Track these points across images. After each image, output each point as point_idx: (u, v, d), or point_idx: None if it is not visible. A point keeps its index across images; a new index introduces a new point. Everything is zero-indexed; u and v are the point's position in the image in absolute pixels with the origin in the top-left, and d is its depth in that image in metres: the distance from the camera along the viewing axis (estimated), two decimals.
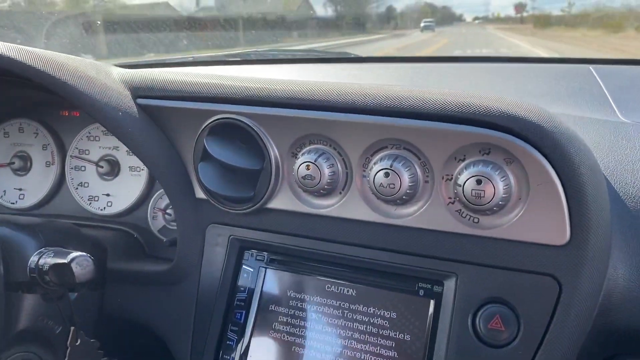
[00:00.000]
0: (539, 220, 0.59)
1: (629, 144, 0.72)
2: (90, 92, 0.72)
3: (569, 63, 1.14)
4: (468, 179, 0.60)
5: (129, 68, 1.28)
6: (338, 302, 0.70)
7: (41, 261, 0.63)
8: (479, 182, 0.59)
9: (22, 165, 1.00)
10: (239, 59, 1.41)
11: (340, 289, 0.71)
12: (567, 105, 0.88)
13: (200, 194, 0.77)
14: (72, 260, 0.61)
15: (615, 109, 0.84)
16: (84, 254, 0.63)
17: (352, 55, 1.39)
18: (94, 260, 0.63)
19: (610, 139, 0.73)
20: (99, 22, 1.36)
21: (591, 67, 1.03)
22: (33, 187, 1.00)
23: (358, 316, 0.69)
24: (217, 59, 1.36)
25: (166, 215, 0.92)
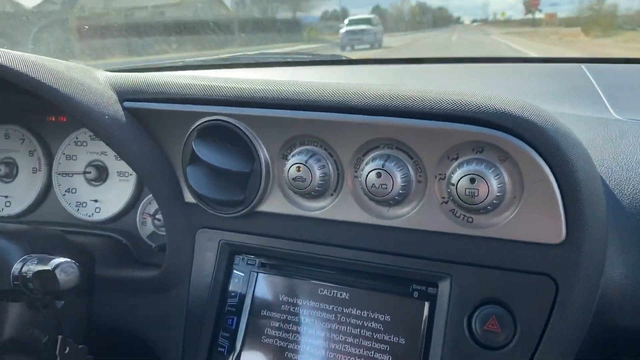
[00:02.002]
0: (534, 218, 0.58)
1: (623, 140, 0.71)
2: (77, 96, 0.70)
3: (561, 62, 1.14)
4: (461, 177, 0.58)
5: (118, 72, 1.27)
6: (331, 306, 0.69)
7: (24, 268, 0.61)
8: (472, 180, 0.58)
9: (8, 172, 0.98)
10: (229, 62, 1.39)
11: (333, 293, 0.69)
12: (560, 103, 0.88)
13: (189, 198, 0.76)
14: (56, 266, 0.60)
15: (609, 107, 0.83)
16: (69, 260, 0.61)
17: (343, 58, 1.38)
18: (78, 267, 0.61)
19: (604, 136, 0.72)
20: (86, 27, 1.35)
21: (583, 65, 1.02)
22: (20, 194, 0.98)
23: (352, 320, 0.68)
24: (207, 62, 1.35)
25: (155, 221, 0.90)
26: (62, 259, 0.61)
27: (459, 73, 1.15)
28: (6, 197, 0.99)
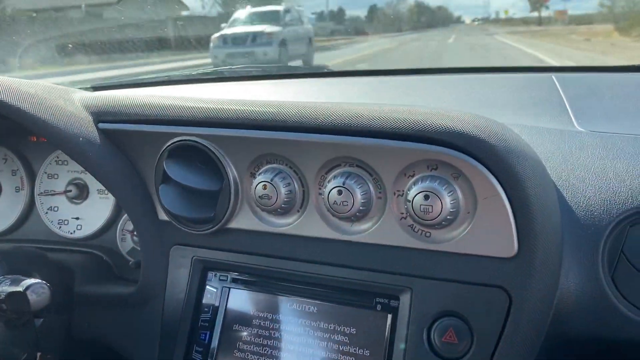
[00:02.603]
0: (487, 233, 0.60)
1: (581, 153, 0.73)
2: (50, 119, 0.73)
3: (533, 72, 1.16)
4: (417, 194, 0.61)
5: (103, 89, 1.30)
6: (300, 320, 0.71)
7: None
8: (426, 197, 0.60)
9: None
10: (213, 76, 1.41)
11: (302, 306, 0.71)
12: (526, 115, 0.89)
13: (163, 215, 0.78)
14: (27, 288, 0.62)
15: (573, 118, 0.85)
16: (40, 281, 0.63)
17: (325, 70, 1.41)
18: (50, 287, 0.64)
19: (563, 149, 0.74)
20: (70, 45, 1.37)
21: (553, 75, 1.04)
22: (3, 213, 1.00)
23: (319, 333, 0.70)
24: (188, 77, 1.37)
25: (134, 237, 0.92)
26: (33, 280, 0.63)
27: (434, 85, 1.17)
28: None
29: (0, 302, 0.62)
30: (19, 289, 0.61)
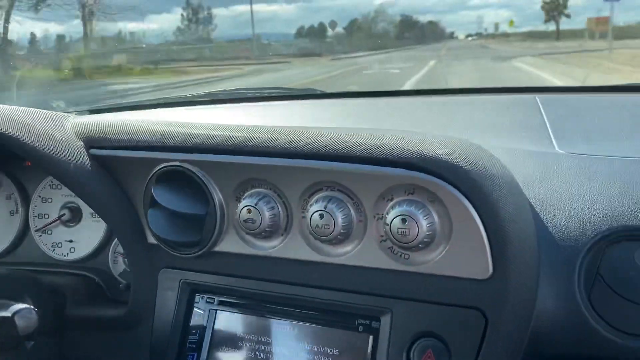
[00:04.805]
0: (463, 255, 0.62)
1: (559, 175, 0.75)
2: (39, 146, 0.75)
3: (517, 93, 1.18)
4: (394, 217, 0.62)
5: (94, 112, 1.32)
6: (285, 341, 0.72)
7: None
8: (403, 220, 0.62)
9: None
10: (207, 99, 1.44)
11: (286, 328, 0.73)
12: (508, 137, 0.91)
13: (152, 239, 0.80)
14: (15, 313, 0.63)
15: (553, 140, 0.87)
16: (28, 306, 0.65)
17: (318, 92, 1.43)
18: (37, 312, 0.65)
19: (542, 171, 0.76)
20: (67, 70, 1.41)
21: (537, 96, 1.06)
22: None
23: (303, 354, 0.71)
24: (186, 100, 1.40)
25: (126, 259, 0.94)
26: (21, 305, 0.64)
27: (420, 107, 1.19)
28: None
29: None
30: (7, 314, 0.63)
